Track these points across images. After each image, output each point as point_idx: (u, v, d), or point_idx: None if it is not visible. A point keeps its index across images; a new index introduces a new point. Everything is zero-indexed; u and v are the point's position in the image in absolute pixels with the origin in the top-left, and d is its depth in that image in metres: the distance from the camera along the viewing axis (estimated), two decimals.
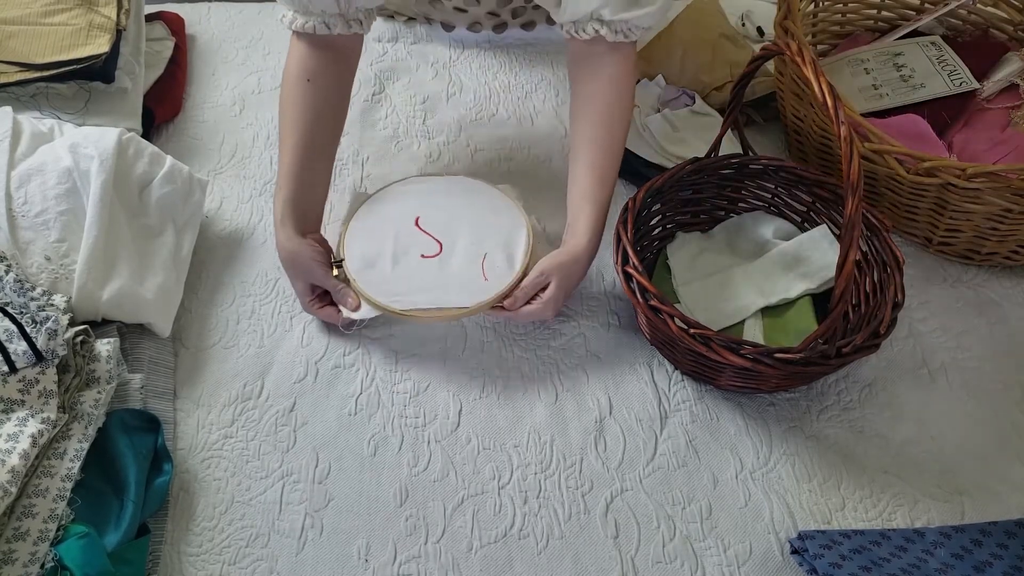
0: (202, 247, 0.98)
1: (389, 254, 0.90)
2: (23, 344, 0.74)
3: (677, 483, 0.81)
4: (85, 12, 1.06)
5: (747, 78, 0.88)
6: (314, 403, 0.85)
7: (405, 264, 0.89)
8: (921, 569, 0.71)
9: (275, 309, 0.93)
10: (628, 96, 0.92)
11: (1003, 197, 0.89)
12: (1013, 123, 1.06)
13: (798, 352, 0.74)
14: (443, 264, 0.89)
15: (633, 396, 0.87)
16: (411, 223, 0.93)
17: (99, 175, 0.87)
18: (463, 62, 1.26)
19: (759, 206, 1.01)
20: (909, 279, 0.98)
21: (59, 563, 0.67)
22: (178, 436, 0.82)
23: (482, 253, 0.90)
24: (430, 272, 0.89)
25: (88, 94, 1.05)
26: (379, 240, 0.91)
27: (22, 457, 0.69)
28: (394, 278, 0.88)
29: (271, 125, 1.15)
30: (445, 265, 0.89)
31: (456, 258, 0.90)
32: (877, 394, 0.89)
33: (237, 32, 1.29)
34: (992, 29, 1.18)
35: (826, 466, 0.83)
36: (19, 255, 0.83)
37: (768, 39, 1.31)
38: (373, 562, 0.75)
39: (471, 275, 0.88)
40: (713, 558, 0.76)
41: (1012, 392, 0.90)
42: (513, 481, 0.81)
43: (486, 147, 1.13)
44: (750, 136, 1.09)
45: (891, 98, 1.10)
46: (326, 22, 0.87)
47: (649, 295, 0.80)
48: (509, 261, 0.90)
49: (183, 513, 0.77)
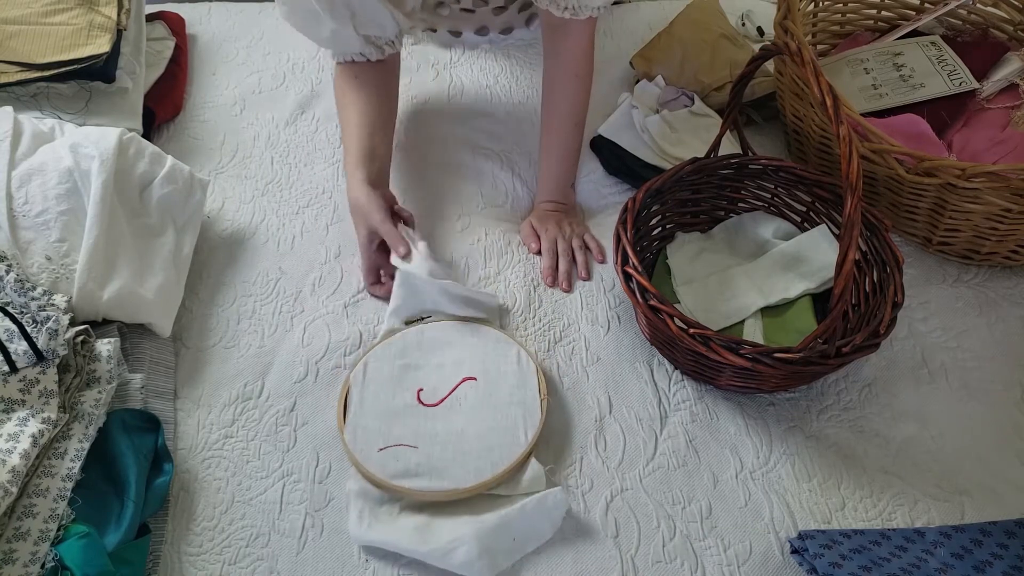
0: (203, 247, 0.98)
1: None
2: (24, 344, 0.74)
3: (677, 483, 0.81)
4: (86, 12, 1.06)
5: (747, 78, 0.88)
6: (314, 403, 0.85)
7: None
8: (921, 569, 0.71)
9: (276, 309, 0.93)
10: (587, 63, 1.01)
11: (1003, 197, 0.89)
12: (1013, 123, 1.06)
13: (798, 352, 0.74)
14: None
15: (633, 396, 0.87)
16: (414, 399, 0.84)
17: (100, 175, 0.87)
18: (463, 63, 1.26)
19: (759, 206, 1.01)
20: (909, 279, 0.98)
21: (59, 563, 0.67)
22: (178, 436, 0.82)
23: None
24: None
25: (89, 94, 1.05)
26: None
27: (23, 457, 0.69)
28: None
29: (272, 125, 1.15)
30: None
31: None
32: (877, 394, 0.89)
33: (238, 32, 1.29)
34: (992, 29, 1.19)
35: (826, 466, 0.83)
36: (20, 255, 0.83)
37: (768, 39, 1.31)
38: (373, 562, 0.75)
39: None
40: (713, 558, 0.76)
41: (1012, 392, 0.90)
42: None
43: (486, 148, 1.13)
44: (750, 136, 1.10)
45: (891, 98, 1.10)
46: (363, 52, 0.97)
47: (649, 295, 0.80)
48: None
49: (183, 513, 0.77)
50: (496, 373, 0.85)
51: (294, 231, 1.01)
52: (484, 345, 0.88)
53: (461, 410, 0.82)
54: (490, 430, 0.80)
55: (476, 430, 0.80)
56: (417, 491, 0.76)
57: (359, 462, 0.78)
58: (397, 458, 0.78)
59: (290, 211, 1.04)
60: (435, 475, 0.77)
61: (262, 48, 1.27)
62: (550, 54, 1.00)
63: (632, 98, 1.14)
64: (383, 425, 0.81)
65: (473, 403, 0.83)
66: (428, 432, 0.80)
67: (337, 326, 0.91)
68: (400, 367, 0.86)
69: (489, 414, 0.82)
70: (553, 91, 1.01)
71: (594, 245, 1.01)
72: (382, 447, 0.79)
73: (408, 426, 0.81)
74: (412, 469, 0.77)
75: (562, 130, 1.02)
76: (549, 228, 1.01)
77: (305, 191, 1.06)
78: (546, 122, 1.03)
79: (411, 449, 0.79)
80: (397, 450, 0.79)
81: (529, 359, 0.87)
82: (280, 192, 1.06)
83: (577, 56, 0.99)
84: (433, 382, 0.85)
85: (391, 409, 0.82)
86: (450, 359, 0.87)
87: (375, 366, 0.86)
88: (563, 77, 1.00)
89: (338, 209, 1.04)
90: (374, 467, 0.78)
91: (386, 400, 0.83)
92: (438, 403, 0.83)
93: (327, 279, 0.96)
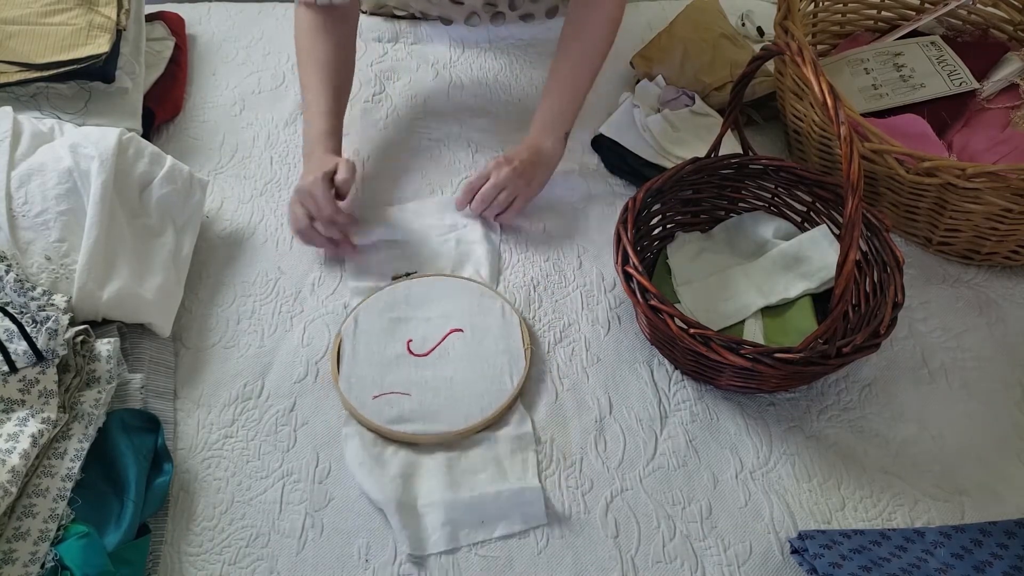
0: (202, 247, 0.98)
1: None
2: (23, 344, 0.74)
3: (677, 483, 0.81)
4: (85, 12, 1.06)
5: (747, 78, 0.88)
6: (314, 403, 0.85)
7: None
8: (921, 569, 0.71)
9: (275, 309, 0.93)
10: (620, 11, 1.02)
11: (1003, 197, 0.89)
12: (1013, 123, 1.06)
13: (798, 352, 0.74)
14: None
15: (633, 396, 0.87)
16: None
17: (99, 175, 0.87)
18: (463, 63, 1.26)
19: (759, 206, 1.01)
20: (909, 279, 0.98)
21: (59, 563, 0.67)
22: (178, 436, 0.82)
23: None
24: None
25: (88, 94, 1.05)
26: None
27: (22, 457, 0.69)
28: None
29: (271, 125, 1.15)
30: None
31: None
32: (877, 394, 0.89)
33: (237, 32, 1.29)
34: (992, 29, 1.19)
35: (826, 466, 0.83)
36: (19, 255, 0.83)
37: (768, 39, 1.31)
38: (373, 562, 0.75)
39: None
40: (713, 558, 0.76)
41: (1012, 392, 0.90)
42: None
43: (486, 148, 1.13)
44: (750, 136, 1.09)
45: (891, 98, 1.10)
46: None
47: (649, 295, 0.80)
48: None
49: (183, 513, 0.77)
50: (482, 325, 0.90)
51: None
52: (469, 298, 0.92)
53: (450, 359, 0.87)
54: (479, 377, 0.86)
55: (465, 377, 0.85)
56: (411, 435, 0.81)
57: (355, 409, 0.82)
58: (391, 404, 0.83)
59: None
60: (428, 420, 0.82)
61: (262, 48, 1.27)
62: (576, 20, 1.00)
63: (633, 97, 1.14)
64: (376, 374, 0.85)
65: (461, 353, 0.88)
66: (419, 380, 0.85)
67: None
68: (389, 320, 0.90)
69: (477, 363, 0.87)
70: (580, 29, 1.00)
71: (512, 210, 1.00)
72: (376, 395, 0.83)
73: (400, 375, 0.85)
74: (406, 415, 0.82)
75: (577, 72, 1.01)
76: (501, 171, 0.98)
77: None
78: (560, 62, 1.02)
79: (404, 396, 0.84)
80: (391, 397, 0.83)
81: (513, 312, 0.91)
82: (280, 192, 1.06)
83: (615, 0, 1.00)
84: (422, 333, 0.89)
85: (383, 359, 0.87)
86: (437, 312, 0.91)
87: (365, 318, 0.90)
88: (596, 18, 0.99)
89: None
90: (370, 413, 0.82)
91: (378, 351, 0.87)
92: (427, 353, 0.88)
93: (327, 279, 0.96)
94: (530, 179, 1.00)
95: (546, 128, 1.02)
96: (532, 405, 0.86)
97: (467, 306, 0.92)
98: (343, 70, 1.02)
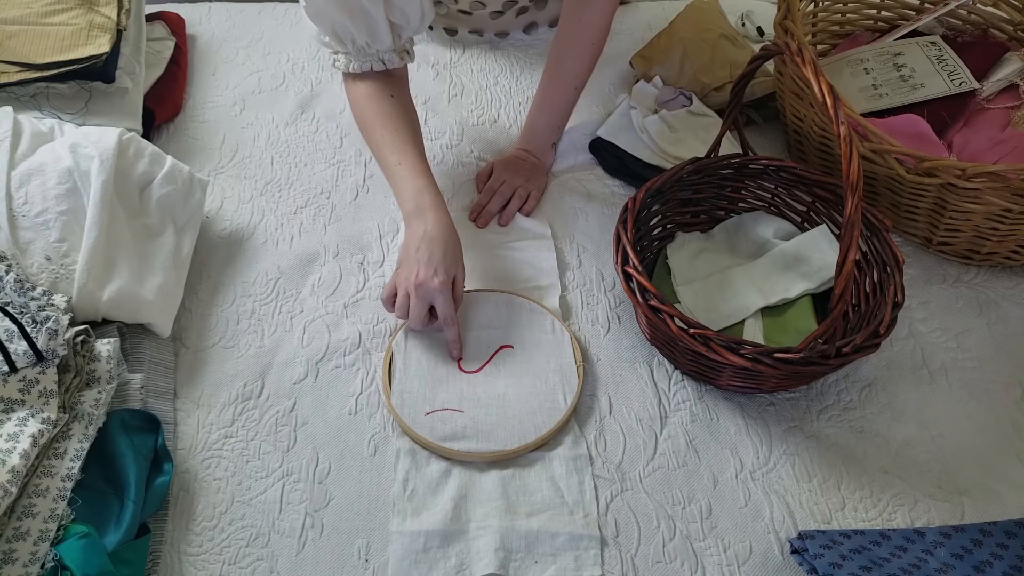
0: (202, 247, 0.98)
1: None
2: (23, 344, 0.74)
3: (677, 483, 0.81)
4: (85, 12, 1.06)
5: (747, 78, 0.88)
6: (314, 403, 0.85)
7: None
8: (921, 569, 0.71)
9: (275, 309, 0.93)
10: (604, 36, 1.02)
11: (1003, 197, 0.89)
12: (1013, 123, 1.06)
13: (798, 352, 0.74)
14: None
15: (633, 396, 0.87)
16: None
17: (99, 175, 0.87)
18: (464, 64, 1.26)
19: (759, 206, 1.01)
20: (909, 279, 0.98)
21: (59, 563, 0.67)
22: (178, 436, 0.82)
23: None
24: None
25: (88, 94, 1.05)
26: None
27: (22, 457, 0.69)
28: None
29: (271, 125, 1.15)
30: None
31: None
32: (877, 394, 0.89)
33: (237, 32, 1.29)
34: (992, 29, 1.19)
35: (826, 466, 0.83)
36: (19, 255, 0.83)
37: (768, 39, 1.31)
38: (373, 562, 0.75)
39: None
40: (713, 558, 0.76)
41: (1012, 392, 0.90)
42: None
43: (487, 150, 1.13)
44: (750, 136, 1.10)
45: (891, 98, 1.10)
46: (382, 59, 0.93)
47: (649, 295, 0.80)
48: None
49: (183, 513, 0.77)
50: (532, 341, 0.89)
51: (293, 231, 1.01)
52: (518, 316, 0.91)
53: (500, 376, 0.86)
54: (531, 395, 0.85)
55: (517, 395, 0.85)
56: (465, 452, 0.80)
57: (408, 426, 0.82)
58: (444, 421, 0.82)
59: (289, 211, 1.04)
60: (481, 437, 0.81)
61: (262, 48, 1.27)
62: (570, 17, 1.01)
63: (630, 99, 1.14)
64: (427, 390, 0.85)
65: (512, 369, 0.87)
66: (471, 397, 0.85)
67: (337, 326, 0.91)
68: (439, 338, 0.89)
69: (528, 380, 0.86)
70: (565, 53, 1.03)
71: (532, 201, 1.04)
72: (429, 411, 0.83)
73: (452, 391, 0.85)
74: (459, 432, 0.81)
75: (562, 90, 1.05)
76: (503, 173, 1.04)
77: (304, 191, 1.06)
78: (548, 80, 1.05)
79: (457, 413, 0.83)
80: (444, 414, 0.83)
81: (563, 328, 0.90)
82: (279, 192, 1.06)
83: (600, 26, 1.01)
84: (471, 350, 0.88)
85: (434, 375, 0.86)
86: (486, 329, 0.90)
87: (415, 334, 0.89)
88: (580, 42, 1.02)
89: (336, 209, 1.04)
90: (423, 430, 0.81)
91: (429, 366, 0.87)
92: (478, 370, 0.87)
93: (327, 279, 0.96)
94: (528, 175, 1.04)
95: (535, 136, 1.08)
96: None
97: (516, 322, 0.91)
98: (416, 125, 0.97)
